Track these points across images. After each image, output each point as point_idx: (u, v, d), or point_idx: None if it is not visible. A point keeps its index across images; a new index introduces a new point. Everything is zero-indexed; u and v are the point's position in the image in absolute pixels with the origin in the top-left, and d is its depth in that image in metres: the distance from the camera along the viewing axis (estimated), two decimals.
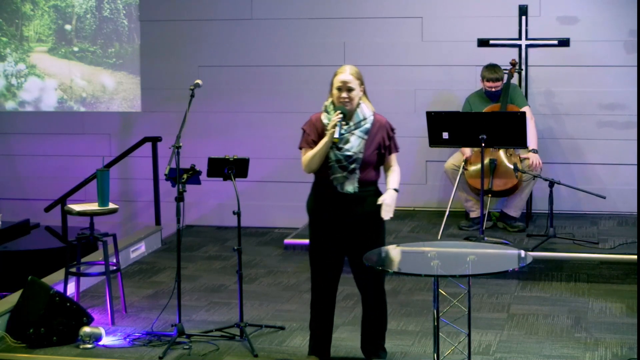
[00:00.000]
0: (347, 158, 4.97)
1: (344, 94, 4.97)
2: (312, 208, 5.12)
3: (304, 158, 5.05)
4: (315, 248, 5.14)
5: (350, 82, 4.98)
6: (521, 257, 4.79)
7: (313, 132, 5.07)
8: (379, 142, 5.05)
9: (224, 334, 5.69)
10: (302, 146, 5.10)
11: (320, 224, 5.09)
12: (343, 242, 5.07)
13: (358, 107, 5.03)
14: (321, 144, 4.97)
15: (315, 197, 5.11)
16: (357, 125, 5.01)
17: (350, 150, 4.98)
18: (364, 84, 5.05)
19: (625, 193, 8.23)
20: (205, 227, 8.99)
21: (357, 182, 5.00)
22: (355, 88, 4.99)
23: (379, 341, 5.26)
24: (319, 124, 5.07)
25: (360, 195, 5.01)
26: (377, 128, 5.05)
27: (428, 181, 8.67)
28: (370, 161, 5.02)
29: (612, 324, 5.93)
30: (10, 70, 9.50)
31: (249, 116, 8.93)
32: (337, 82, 5.00)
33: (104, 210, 6.20)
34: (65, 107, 9.43)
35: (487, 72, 7.79)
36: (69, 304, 5.67)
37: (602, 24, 8.29)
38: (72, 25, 9.35)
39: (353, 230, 5.04)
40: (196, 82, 5.89)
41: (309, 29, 8.79)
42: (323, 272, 5.14)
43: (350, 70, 5.00)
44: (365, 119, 5.03)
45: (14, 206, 9.29)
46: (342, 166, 4.98)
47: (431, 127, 7.35)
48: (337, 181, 4.99)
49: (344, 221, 5.03)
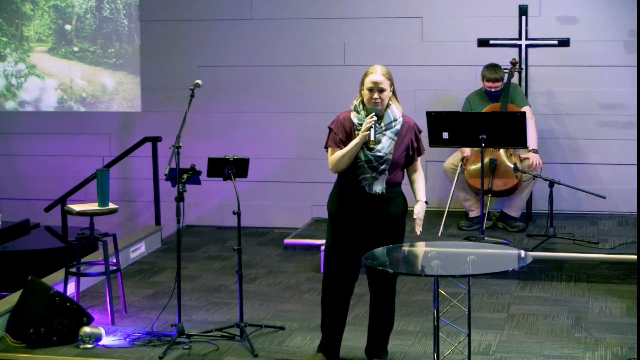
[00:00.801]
0: (377, 159, 4.95)
1: (375, 95, 4.94)
2: (337, 207, 5.08)
3: (332, 157, 5.01)
4: (336, 247, 5.10)
5: (382, 82, 4.94)
6: (521, 257, 4.79)
7: (341, 131, 5.03)
8: (408, 143, 5.05)
9: (224, 334, 5.69)
10: (329, 145, 5.06)
11: (344, 223, 5.06)
12: (364, 242, 5.05)
13: (388, 107, 5.01)
14: (352, 144, 4.93)
15: (341, 196, 5.07)
16: (387, 126, 4.99)
17: (382, 151, 4.96)
18: (394, 84, 5.03)
19: (625, 193, 8.23)
20: (205, 227, 8.99)
21: (385, 183, 4.99)
22: (387, 89, 4.96)
23: (384, 343, 5.26)
24: (347, 124, 5.03)
25: (387, 196, 5.01)
26: (406, 129, 5.04)
27: (428, 181, 8.60)
28: (398, 162, 5.03)
29: (612, 324, 5.93)
30: (10, 70, 9.50)
31: (249, 116, 8.93)
32: (368, 82, 4.95)
33: (104, 210, 6.20)
34: (65, 107, 9.43)
35: (488, 72, 7.79)
36: (69, 304, 5.67)
37: (602, 24, 8.29)
38: (72, 25, 9.35)
39: (376, 230, 5.04)
40: (196, 82, 5.89)
41: (309, 29, 8.79)
42: (341, 271, 5.11)
43: (382, 71, 4.96)
44: (395, 120, 5.01)
45: (14, 206, 9.29)
46: (372, 167, 4.96)
47: (431, 127, 7.35)
48: (366, 181, 4.98)
49: (367, 221, 5.02)
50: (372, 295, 5.22)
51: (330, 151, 5.04)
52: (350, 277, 5.14)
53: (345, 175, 5.03)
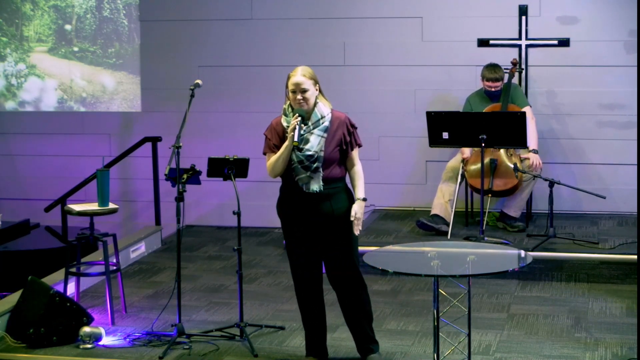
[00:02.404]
0: (308, 158, 5.01)
1: (298, 96, 5.03)
2: (282, 210, 5.17)
3: (268, 163, 5.12)
4: (291, 249, 5.19)
5: (303, 83, 5.03)
6: (521, 257, 4.79)
7: (274, 136, 5.13)
8: (340, 138, 5.08)
9: (224, 334, 5.69)
10: (265, 151, 5.18)
11: (292, 225, 5.14)
12: (317, 240, 5.11)
13: (315, 106, 5.07)
14: (282, 148, 5.03)
15: (284, 199, 5.16)
16: (315, 125, 5.05)
17: (311, 150, 5.02)
18: (318, 82, 5.12)
19: (625, 193, 8.23)
20: (205, 227, 8.99)
21: (321, 180, 5.04)
22: (309, 88, 5.04)
23: (369, 335, 5.26)
24: (279, 128, 5.13)
25: (327, 193, 5.05)
26: (337, 125, 5.09)
27: (428, 181, 8.66)
28: (332, 158, 5.06)
29: (612, 324, 5.93)
30: (10, 70, 9.50)
31: (249, 116, 8.93)
32: (290, 85, 5.06)
33: (104, 210, 6.20)
34: (65, 107, 9.43)
35: (487, 72, 7.79)
36: (69, 304, 5.67)
37: (602, 24, 8.29)
38: (72, 25, 9.35)
39: (324, 228, 5.08)
40: (196, 82, 5.89)
41: (309, 29, 8.79)
42: (302, 272, 5.19)
43: (302, 72, 5.07)
44: (323, 117, 5.07)
45: (14, 206, 9.29)
46: (304, 166, 5.02)
47: (431, 127, 7.35)
48: (302, 181, 5.04)
49: (313, 220, 5.07)
50: (337, 293, 5.23)
51: (268, 157, 5.15)
52: (314, 276, 5.19)
53: (285, 178, 5.13)
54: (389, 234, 7.77)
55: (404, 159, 8.69)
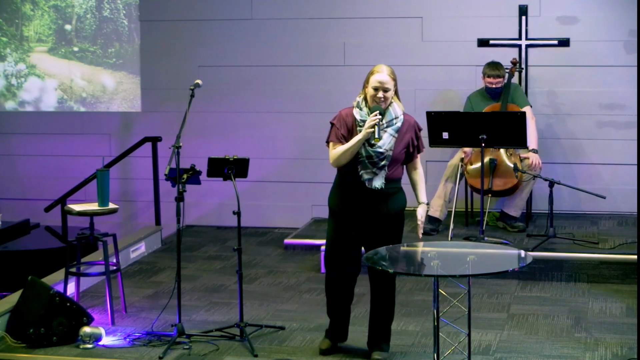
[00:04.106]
0: (378, 155, 5.08)
1: (380, 94, 5.06)
2: (337, 202, 5.21)
3: (334, 152, 5.13)
4: (337, 241, 5.23)
5: (387, 82, 5.07)
6: (521, 257, 4.79)
7: (343, 126, 5.15)
8: (408, 141, 5.18)
9: (224, 334, 5.69)
10: (330, 140, 5.18)
11: (344, 218, 5.19)
12: (365, 237, 5.19)
13: (390, 105, 5.13)
14: (355, 140, 5.06)
15: (341, 191, 5.20)
16: (389, 124, 5.11)
17: (382, 147, 5.08)
18: (397, 84, 5.14)
19: (625, 193, 8.23)
20: (205, 227, 8.99)
21: (384, 178, 5.10)
22: (391, 88, 5.10)
23: (385, 334, 5.34)
24: (349, 119, 5.16)
25: (386, 192, 5.13)
26: (407, 127, 5.17)
27: (428, 181, 8.59)
28: (398, 159, 5.15)
29: (612, 324, 5.93)
30: (10, 70, 9.50)
31: (249, 116, 8.93)
32: (374, 81, 5.08)
33: (104, 210, 6.20)
34: (65, 107, 9.43)
35: (488, 69, 7.80)
36: (69, 304, 5.67)
37: (602, 24, 8.29)
38: (72, 25, 9.35)
39: (375, 226, 5.16)
40: (196, 82, 5.89)
41: (309, 29, 8.79)
42: (342, 265, 5.25)
43: (388, 71, 5.09)
44: (397, 117, 5.14)
45: (14, 206, 9.29)
46: (372, 162, 5.08)
47: (431, 127, 7.35)
48: (366, 176, 5.10)
49: (368, 216, 5.14)
50: (371, 289, 5.31)
51: (332, 146, 5.16)
52: (352, 271, 5.29)
53: (345, 170, 5.15)
54: None
55: None
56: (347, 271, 5.27)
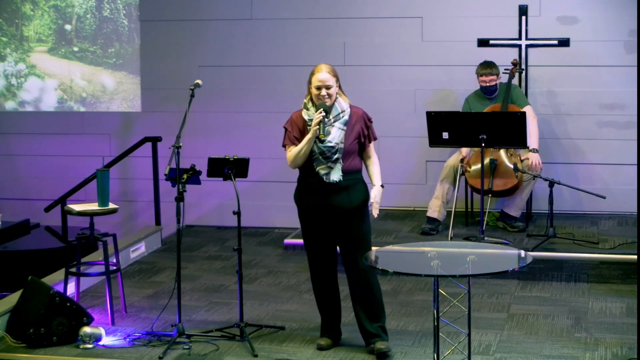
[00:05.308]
0: (330, 149, 5.26)
1: (323, 92, 5.27)
2: (301, 200, 5.44)
3: (290, 155, 5.35)
4: (308, 237, 5.45)
5: (328, 80, 5.27)
6: (521, 257, 4.79)
7: (295, 129, 5.39)
8: (358, 131, 5.35)
9: (224, 334, 5.69)
10: (285, 144, 5.41)
11: (310, 213, 5.39)
12: (333, 231, 5.37)
13: (335, 101, 5.33)
14: (305, 141, 5.28)
15: (303, 189, 5.42)
16: (336, 118, 5.31)
17: (333, 142, 5.27)
18: (339, 79, 5.34)
19: (625, 193, 8.22)
20: (205, 227, 8.99)
21: (341, 171, 5.29)
22: (333, 85, 5.29)
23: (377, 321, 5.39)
24: (299, 121, 5.39)
25: (346, 185, 5.31)
26: (356, 119, 5.36)
27: (428, 181, 8.66)
28: (351, 150, 5.32)
29: (612, 324, 5.93)
30: (10, 70, 9.50)
31: (249, 116, 8.93)
32: (315, 81, 5.29)
33: (104, 210, 6.20)
34: (65, 107, 9.43)
35: (481, 68, 7.84)
36: (69, 304, 5.67)
37: (602, 24, 8.29)
38: (72, 25, 9.35)
39: (340, 219, 5.33)
40: (196, 82, 5.89)
41: (309, 29, 8.79)
42: (317, 259, 5.44)
43: (327, 69, 5.29)
44: (343, 111, 5.33)
45: (14, 206, 9.29)
46: (326, 157, 5.27)
47: (431, 127, 7.35)
48: (323, 172, 5.28)
49: (331, 210, 5.31)
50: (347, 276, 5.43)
51: (288, 149, 5.38)
52: (329, 264, 5.45)
53: (304, 169, 5.38)
54: (389, 234, 7.77)
55: (404, 158, 8.69)
56: (323, 266, 5.43)
